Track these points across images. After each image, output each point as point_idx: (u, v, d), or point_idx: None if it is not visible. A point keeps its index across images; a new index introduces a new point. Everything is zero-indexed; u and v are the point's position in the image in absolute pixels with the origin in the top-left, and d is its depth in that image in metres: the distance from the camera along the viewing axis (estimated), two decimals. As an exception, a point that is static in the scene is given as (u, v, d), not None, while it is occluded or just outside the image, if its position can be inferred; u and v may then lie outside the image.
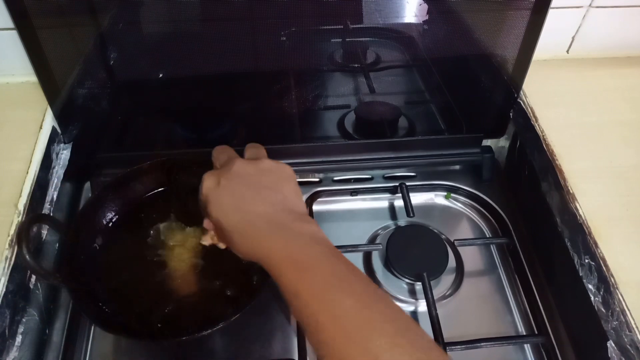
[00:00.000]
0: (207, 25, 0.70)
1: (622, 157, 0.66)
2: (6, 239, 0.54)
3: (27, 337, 0.55)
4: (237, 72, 0.75)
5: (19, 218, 0.56)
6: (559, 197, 0.64)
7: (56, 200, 0.65)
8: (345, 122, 0.83)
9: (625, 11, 0.74)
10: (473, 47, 0.75)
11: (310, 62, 0.77)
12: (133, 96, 0.78)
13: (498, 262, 0.71)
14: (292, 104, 0.78)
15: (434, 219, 0.75)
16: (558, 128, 0.69)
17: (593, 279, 0.56)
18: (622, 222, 0.59)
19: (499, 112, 0.78)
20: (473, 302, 0.67)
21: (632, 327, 0.51)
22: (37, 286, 0.58)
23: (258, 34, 0.72)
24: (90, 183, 0.74)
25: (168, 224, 0.65)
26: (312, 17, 0.70)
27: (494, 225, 0.76)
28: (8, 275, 0.53)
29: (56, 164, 0.67)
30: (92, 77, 0.72)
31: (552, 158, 0.66)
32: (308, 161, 0.77)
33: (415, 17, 0.77)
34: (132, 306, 0.58)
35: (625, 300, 0.53)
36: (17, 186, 0.59)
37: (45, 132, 0.66)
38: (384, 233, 0.73)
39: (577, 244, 0.60)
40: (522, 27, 0.67)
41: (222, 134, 0.82)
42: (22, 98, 0.69)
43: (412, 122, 0.84)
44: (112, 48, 0.73)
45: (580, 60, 0.80)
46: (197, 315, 0.57)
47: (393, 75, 0.85)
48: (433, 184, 0.79)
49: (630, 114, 0.72)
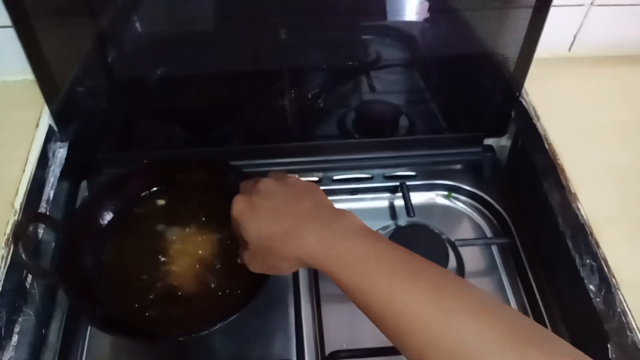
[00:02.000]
0: (206, 24, 0.70)
1: (624, 156, 0.65)
2: (2, 237, 0.54)
3: (24, 336, 0.55)
4: (237, 71, 0.74)
5: (15, 217, 0.56)
6: (560, 197, 0.64)
7: (53, 199, 0.65)
8: (345, 121, 0.83)
9: (627, 9, 0.74)
10: (474, 45, 0.75)
11: (310, 60, 0.77)
12: (131, 95, 0.77)
13: (499, 262, 0.71)
14: (292, 102, 0.78)
15: (435, 219, 0.75)
16: (560, 127, 0.69)
17: (594, 279, 0.56)
18: (623, 222, 0.59)
19: (500, 111, 0.78)
20: (473, 302, 0.67)
21: (633, 328, 0.51)
22: (33, 285, 0.58)
23: (258, 33, 0.71)
24: (87, 182, 0.74)
25: (166, 224, 0.64)
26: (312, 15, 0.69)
27: (495, 225, 0.75)
28: (4, 275, 0.53)
29: (53, 163, 0.67)
30: (89, 75, 0.72)
31: (553, 157, 0.66)
32: (308, 160, 0.77)
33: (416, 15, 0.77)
34: (130, 306, 0.57)
35: (626, 300, 0.52)
36: (14, 185, 0.59)
37: (42, 131, 0.66)
38: (384, 233, 0.73)
39: (579, 244, 0.59)
40: (524, 26, 0.66)
41: (221, 133, 0.82)
42: (19, 96, 0.69)
43: (412, 121, 0.84)
44: (111, 47, 0.73)
45: (582, 58, 0.79)
46: (196, 315, 0.57)
47: (394, 74, 0.84)
48: (434, 184, 0.78)
49: (632, 113, 0.71)
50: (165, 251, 0.62)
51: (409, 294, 0.40)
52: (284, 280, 0.67)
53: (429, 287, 0.40)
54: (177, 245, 0.62)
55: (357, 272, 0.42)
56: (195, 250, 0.62)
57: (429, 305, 0.39)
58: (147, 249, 0.62)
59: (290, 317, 0.64)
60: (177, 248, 0.62)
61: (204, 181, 0.67)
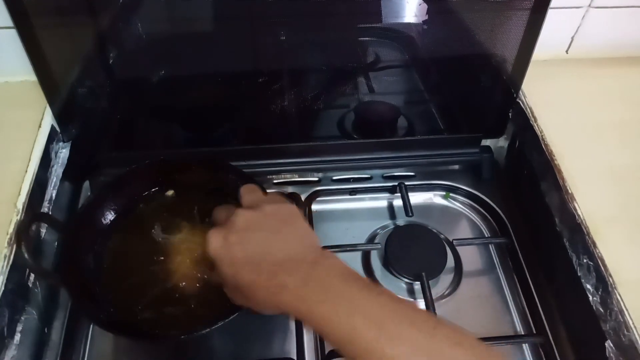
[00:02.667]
0: (206, 24, 0.70)
1: (621, 157, 0.66)
2: (5, 237, 0.54)
3: (26, 336, 0.55)
4: (237, 71, 0.75)
5: (17, 217, 0.56)
6: (557, 197, 0.64)
7: (55, 199, 0.65)
8: (344, 122, 0.83)
9: (625, 11, 0.74)
10: (472, 47, 0.75)
11: (310, 61, 0.77)
12: (132, 95, 0.78)
13: (497, 262, 0.71)
14: (291, 103, 0.78)
15: (433, 219, 0.75)
16: (557, 128, 0.69)
17: (591, 279, 0.56)
18: (620, 222, 0.59)
19: (498, 112, 0.78)
20: (472, 301, 0.67)
21: (630, 327, 0.51)
22: (36, 285, 0.58)
23: (258, 34, 0.72)
24: (89, 182, 0.74)
25: (167, 224, 0.64)
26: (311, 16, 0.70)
27: (493, 225, 0.76)
28: (7, 274, 0.53)
29: (55, 163, 0.67)
30: (91, 76, 0.72)
31: (551, 158, 0.66)
32: (307, 160, 0.77)
33: (415, 17, 0.77)
34: (131, 305, 0.57)
35: (623, 300, 0.53)
36: (16, 185, 0.59)
37: (44, 131, 0.66)
38: (382, 233, 0.73)
39: (576, 243, 0.60)
40: (522, 27, 0.67)
41: (222, 133, 0.82)
42: (21, 97, 0.69)
43: (411, 122, 0.84)
44: (112, 47, 0.73)
45: (580, 60, 0.80)
46: (196, 315, 0.57)
47: (392, 75, 0.85)
48: (432, 184, 0.79)
49: (629, 114, 0.72)
50: (166, 251, 0.62)
51: (398, 342, 0.39)
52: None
53: (419, 333, 0.40)
54: (178, 245, 0.62)
55: (343, 328, 0.41)
56: (195, 250, 0.62)
57: (420, 352, 0.39)
58: (147, 249, 0.62)
59: (290, 317, 0.64)
60: (177, 248, 0.62)
61: (204, 181, 0.67)
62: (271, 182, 0.77)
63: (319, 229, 0.73)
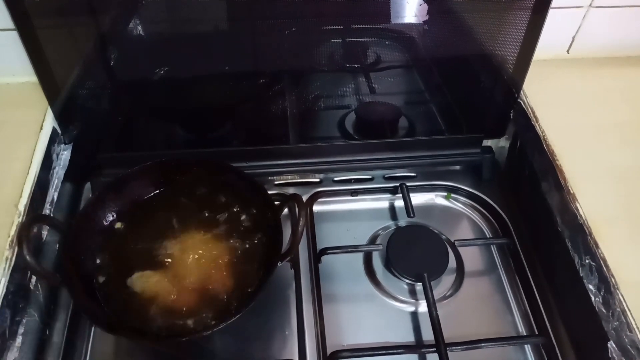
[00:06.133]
0: (207, 25, 0.70)
1: (622, 157, 0.66)
2: (6, 239, 0.54)
3: (28, 337, 0.56)
4: (237, 72, 0.75)
5: (19, 218, 0.56)
6: (559, 198, 0.64)
7: (56, 200, 0.65)
8: (345, 123, 0.83)
9: (626, 11, 0.74)
10: (473, 47, 0.75)
11: (310, 62, 0.77)
12: (133, 96, 0.78)
13: (498, 263, 0.71)
14: (292, 104, 0.78)
15: (434, 220, 0.75)
16: (558, 128, 0.69)
17: (593, 279, 0.56)
18: (622, 222, 0.59)
19: (499, 113, 0.78)
20: (473, 302, 0.67)
21: (632, 328, 0.51)
22: (37, 287, 0.58)
23: (258, 35, 0.72)
24: (90, 183, 0.74)
25: (168, 225, 0.65)
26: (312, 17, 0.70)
27: (494, 225, 0.76)
28: (8, 276, 0.53)
29: (56, 165, 0.67)
30: (92, 77, 0.72)
31: (552, 158, 0.66)
32: (308, 161, 0.77)
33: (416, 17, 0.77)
34: (132, 306, 0.58)
35: (625, 300, 0.53)
36: (18, 187, 0.59)
37: (45, 133, 0.66)
38: (384, 233, 0.73)
39: (578, 244, 0.60)
40: (523, 27, 0.67)
41: (222, 134, 0.82)
42: (22, 98, 0.69)
43: (412, 123, 0.84)
44: (112, 48, 0.73)
45: (581, 60, 0.80)
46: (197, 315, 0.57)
47: (393, 76, 0.84)
48: (433, 185, 0.78)
49: (630, 114, 0.71)
50: (166, 251, 0.62)
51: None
52: (286, 280, 0.67)
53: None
54: (178, 245, 0.63)
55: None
56: (195, 250, 0.62)
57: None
58: (148, 249, 0.62)
59: (292, 316, 0.64)
60: (177, 248, 0.62)
61: (205, 182, 0.67)
62: (272, 183, 0.77)
63: (321, 230, 0.73)
